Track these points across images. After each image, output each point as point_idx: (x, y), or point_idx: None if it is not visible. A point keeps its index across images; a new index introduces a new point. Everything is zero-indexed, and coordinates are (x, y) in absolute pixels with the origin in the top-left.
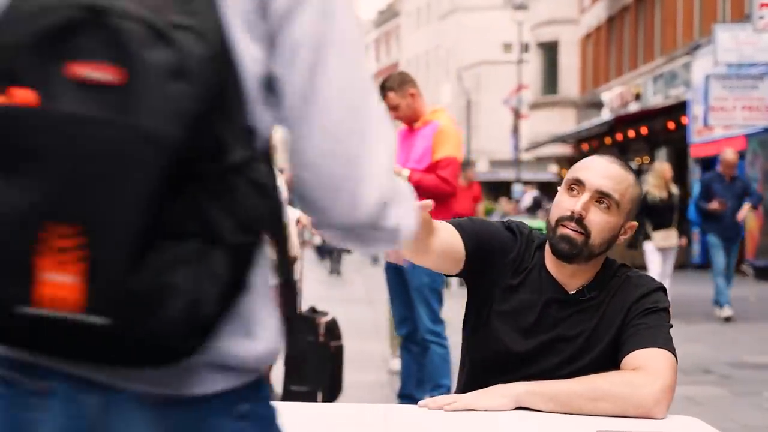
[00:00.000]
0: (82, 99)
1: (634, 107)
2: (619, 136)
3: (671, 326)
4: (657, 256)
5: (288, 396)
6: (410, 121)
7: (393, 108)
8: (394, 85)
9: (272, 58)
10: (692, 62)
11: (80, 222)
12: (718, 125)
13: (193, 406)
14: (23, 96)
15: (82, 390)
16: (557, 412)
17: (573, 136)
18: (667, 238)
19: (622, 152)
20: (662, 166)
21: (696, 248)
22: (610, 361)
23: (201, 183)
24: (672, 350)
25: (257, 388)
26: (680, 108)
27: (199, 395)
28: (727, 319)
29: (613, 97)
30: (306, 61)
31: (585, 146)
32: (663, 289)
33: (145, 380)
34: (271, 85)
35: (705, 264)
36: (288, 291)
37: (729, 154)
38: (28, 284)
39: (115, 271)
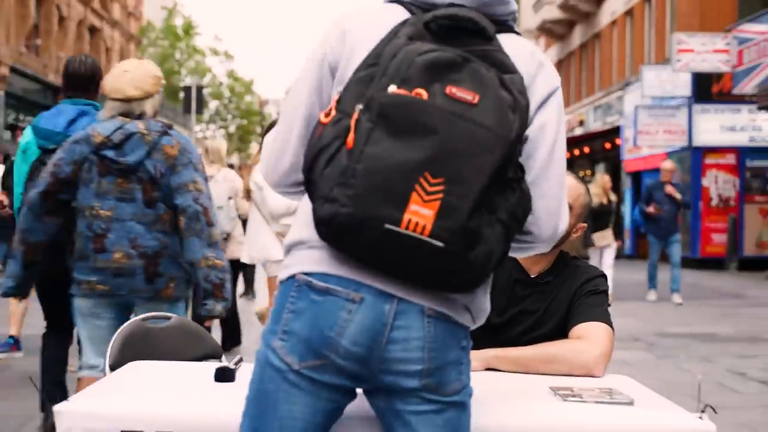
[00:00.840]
0: (452, 104)
1: (579, 131)
2: (567, 155)
3: (609, 305)
4: (595, 254)
5: None
6: None
7: None
8: None
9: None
10: (624, 96)
11: (446, 176)
12: (644, 145)
13: (449, 325)
14: (419, 92)
15: (383, 300)
16: (519, 372)
17: None
18: (604, 238)
19: (570, 167)
20: (603, 177)
21: (628, 243)
22: (561, 332)
23: (503, 182)
24: (609, 323)
25: (469, 333)
26: (615, 132)
27: (453, 320)
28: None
29: None
30: (551, 137)
31: None
32: (604, 276)
33: (428, 299)
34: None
35: (635, 255)
36: None
37: (667, 164)
38: (402, 211)
39: (459, 213)
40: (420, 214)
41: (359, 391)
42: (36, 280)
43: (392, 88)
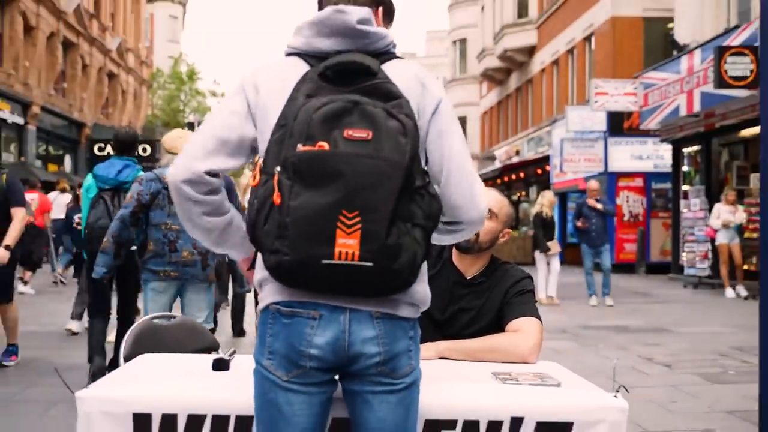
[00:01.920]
0: (352, 146)
1: (515, 159)
2: (506, 179)
3: (536, 301)
4: (543, 261)
5: None
6: None
7: None
8: None
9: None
10: (552, 130)
11: (360, 209)
12: (569, 171)
13: (395, 321)
14: (321, 145)
15: (337, 312)
16: (465, 360)
17: None
18: (555, 246)
19: (508, 189)
20: (549, 193)
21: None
22: (497, 326)
23: (410, 194)
24: (538, 317)
25: (417, 322)
26: (545, 160)
27: (398, 316)
28: (594, 306)
29: (502, 153)
30: (447, 138)
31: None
32: (529, 277)
33: (373, 304)
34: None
35: (563, 261)
36: None
37: (592, 183)
38: (332, 246)
39: (378, 236)
40: (347, 245)
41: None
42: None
43: (299, 147)
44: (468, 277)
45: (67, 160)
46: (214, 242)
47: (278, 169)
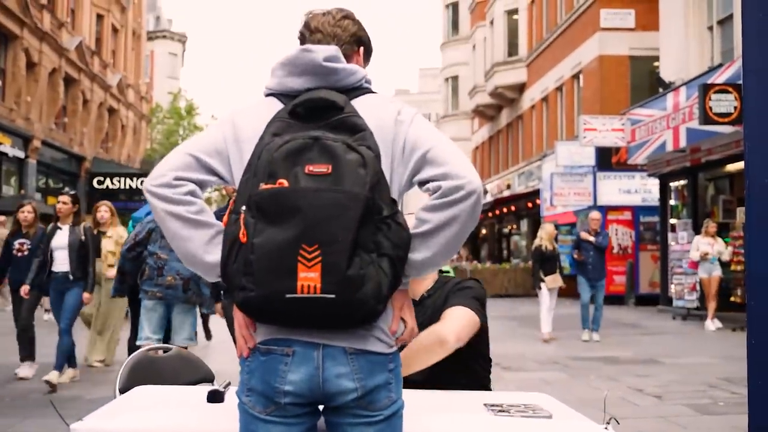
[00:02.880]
0: (312, 181)
1: (506, 193)
2: (497, 212)
3: (478, 301)
4: (547, 296)
5: None
6: None
7: None
8: None
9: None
10: (542, 164)
11: (319, 242)
12: (559, 205)
13: (370, 356)
14: (281, 182)
15: (310, 348)
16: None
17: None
18: (555, 281)
19: (499, 222)
20: (549, 226)
21: None
22: None
23: (375, 224)
24: (471, 308)
25: (396, 356)
26: (535, 194)
27: (372, 351)
28: (585, 341)
29: (493, 187)
30: (424, 132)
31: None
32: (478, 281)
33: (346, 340)
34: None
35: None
36: None
37: (594, 214)
38: (295, 280)
39: (338, 267)
40: (309, 278)
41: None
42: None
43: (262, 185)
44: (416, 299)
45: None
46: (202, 250)
47: (243, 208)
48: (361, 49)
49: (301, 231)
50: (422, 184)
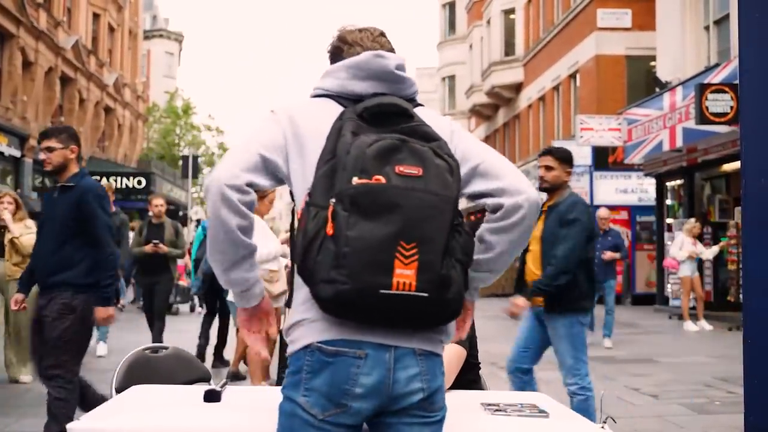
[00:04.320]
0: (404, 181)
1: None
2: None
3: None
4: None
5: (281, 381)
6: None
7: None
8: None
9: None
10: (539, 164)
11: (417, 240)
12: None
13: (433, 358)
14: (378, 179)
15: (382, 350)
16: None
17: (466, 210)
18: None
19: None
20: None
21: None
22: None
23: (454, 229)
24: (459, 343)
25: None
26: None
27: (435, 353)
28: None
29: None
30: (474, 146)
31: (473, 217)
32: None
33: (416, 342)
34: None
35: None
36: None
37: (602, 212)
38: (390, 276)
39: (434, 266)
40: (404, 275)
41: None
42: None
43: (355, 180)
44: None
45: None
46: (229, 264)
47: (333, 200)
48: None
49: (399, 228)
50: (475, 197)
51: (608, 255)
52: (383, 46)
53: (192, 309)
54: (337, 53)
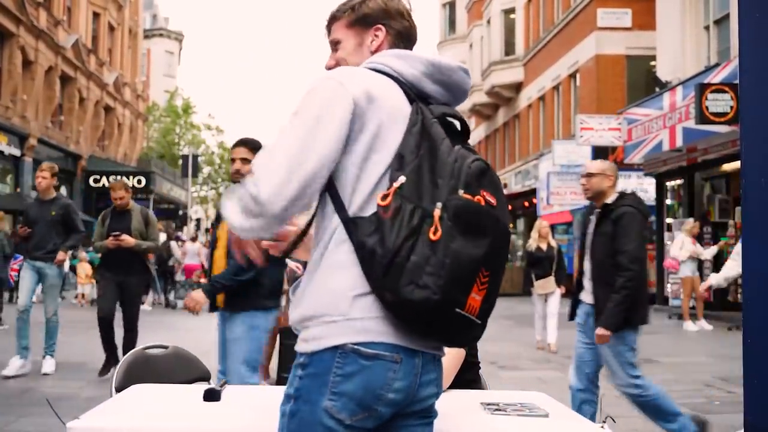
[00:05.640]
0: (489, 207)
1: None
2: None
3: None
4: (539, 302)
5: (281, 381)
6: None
7: None
8: None
9: None
10: (539, 164)
11: (492, 269)
12: (555, 204)
13: (440, 362)
14: (479, 199)
15: (413, 355)
16: None
17: None
18: (545, 286)
19: None
20: (540, 223)
21: None
22: None
23: None
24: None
25: None
26: (532, 193)
27: (442, 355)
28: None
29: None
30: None
31: None
32: None
33: (437, 348)
34: None
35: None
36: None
37: None
38: (467, 297)
39: (493, 296)
40: (475, 299)
41: None
42: None
43: (461, 193)
44: None
45: (63, 192)
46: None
47: (439, 205)
48: (410, 47)
49: (486, 254)
50: None
51: None
52: (413, 27)
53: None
54: (394, 17)
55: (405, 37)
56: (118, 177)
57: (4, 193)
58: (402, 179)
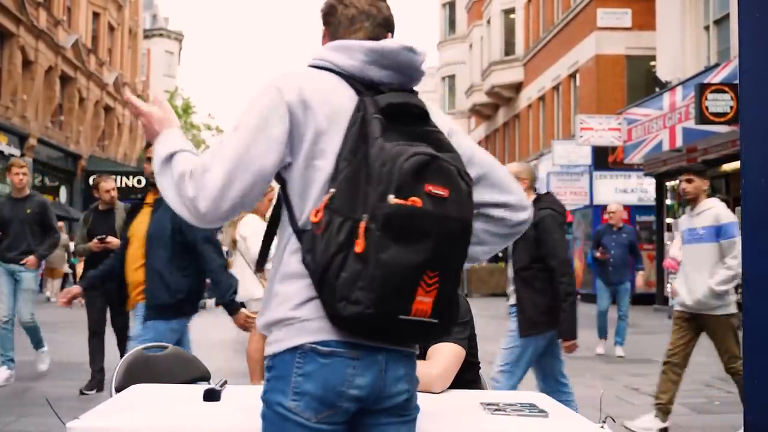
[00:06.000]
0: (433, 203)
1: None
2: None
3: (462, 324)
4: None
5: None
6: None
7: None
8: None
9: None
10: (539, 164)
11: (440, 269)
12: None
13: (413, 359)
14: (414, 200)
15: (375, 352)
16: None
17: None
18: None
19: None
20: None
21: None
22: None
23: None
24: (457, 341)
25: None
26: None
27: (415, 354)
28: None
29: None
30: (474, 147)
31: None
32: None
33: (405, 345)
34: None
35: None
36: None
37: (612, 206)
38: (411, 303)
39: (449, 294)
40: (423, 302)
41: None
42: None
43: (391, 198)
44: None
45: (63, 192)
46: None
47: (366, 216)
48: (389, 35)
49: (428, 257)
50: (479, 205)
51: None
52: (380, 12)
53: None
54: (331, 12)
55: (353, 23)
56: (118, 177)
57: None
58: (332, 191)
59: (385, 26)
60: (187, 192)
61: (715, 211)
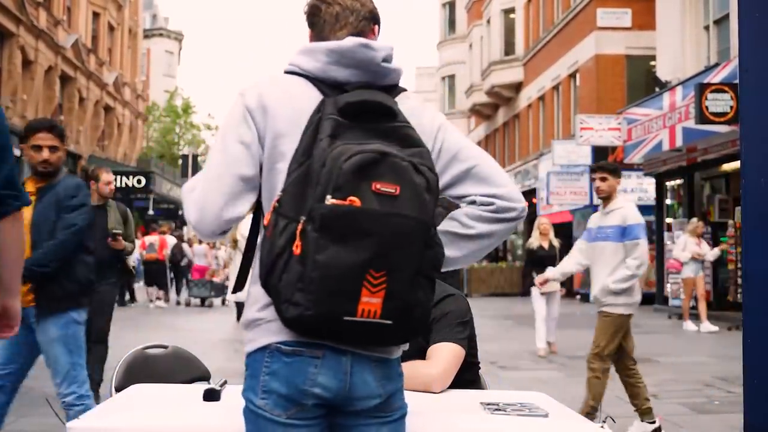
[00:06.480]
0: (380, 201)
1: None
2: None
3: (462, 324)
4: (541, 302)
5: None
6: None
7: None
8: None
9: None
10: (539, 164)
11: (387, 269)
12: (555, 203)
13: (389, 363)
14: (352, 200)
15: (340, 353)
16: None
17: None
18: (549, 284)
19: None
20: (540, 220)
21: None
22: (424, 351)
23: (426, 247)
24: (457, 341)
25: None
26: (531, 192)
27: (392, 359)
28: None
29: None
30: (463, 142)
31: None
32: (453, 295)
33: (372, 349)
34: None
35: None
36: None
37: None
38: (356, 304)
39: (401, 294)
40: (370, 303)
41: None
42: None
43: (329, 198)
44: None
45: None
46: None
47: (303, 218)
48: (376, 27)
49: (370, 256)
50: (463, 197)
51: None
52: (364, 6)
53: (223, 302)
54: (315, 12)
55: (338, 20)
56: (118, 177)
57: None
58: (279, 194)
59: (370, 19)
60: (187, 209)
61: (623, 211)
